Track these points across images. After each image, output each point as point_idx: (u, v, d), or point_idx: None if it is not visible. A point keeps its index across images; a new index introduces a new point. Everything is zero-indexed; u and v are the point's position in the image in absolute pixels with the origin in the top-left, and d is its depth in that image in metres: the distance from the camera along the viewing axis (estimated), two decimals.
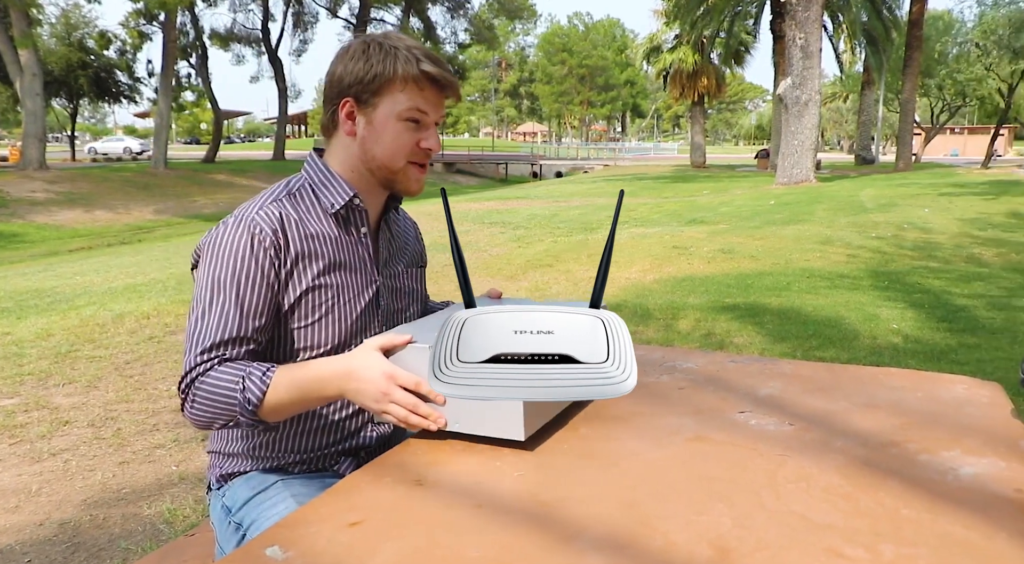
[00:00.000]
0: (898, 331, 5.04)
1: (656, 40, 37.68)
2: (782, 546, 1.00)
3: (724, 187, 20.25)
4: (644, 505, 1.11)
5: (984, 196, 13.76)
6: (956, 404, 1.58)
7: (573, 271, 7.43)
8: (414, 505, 1.12)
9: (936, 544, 1.02)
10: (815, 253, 8.09)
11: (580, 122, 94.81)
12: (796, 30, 17.10)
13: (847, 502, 1.13)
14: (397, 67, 1.44)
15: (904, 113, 28.36)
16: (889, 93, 36.28)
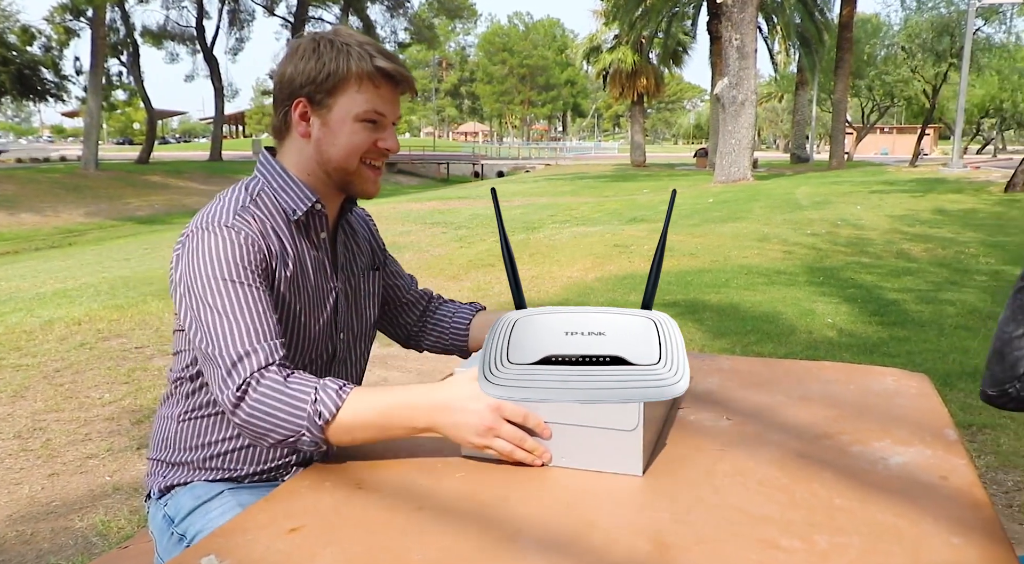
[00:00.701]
0: (833, 325, 5.17)
1: (596, 40, 37.98)
2: (720, 539, 1.02)
3: (664, 186, 20.51)
4: (583, 504, 1.12)
5: (912, 193, 14.20)
6: (886, 396, 1.63)
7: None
8: (354, 509, 1.10)
9: (867, 532, 1.04)
10: (753, 250, 8.25)
11: (521, 122, 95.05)
12: (732, 31, 17.41)
13: (783, 494, 1.15)
14: (351, 64, 1.39)
15: (836, 113, 29.10)
16: (822, 93, 37.18)
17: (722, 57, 18.69)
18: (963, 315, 5.37)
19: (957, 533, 1.04)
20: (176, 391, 1.50)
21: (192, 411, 1.49)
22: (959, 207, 11.96)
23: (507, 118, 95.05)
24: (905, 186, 15.88)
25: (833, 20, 30.50)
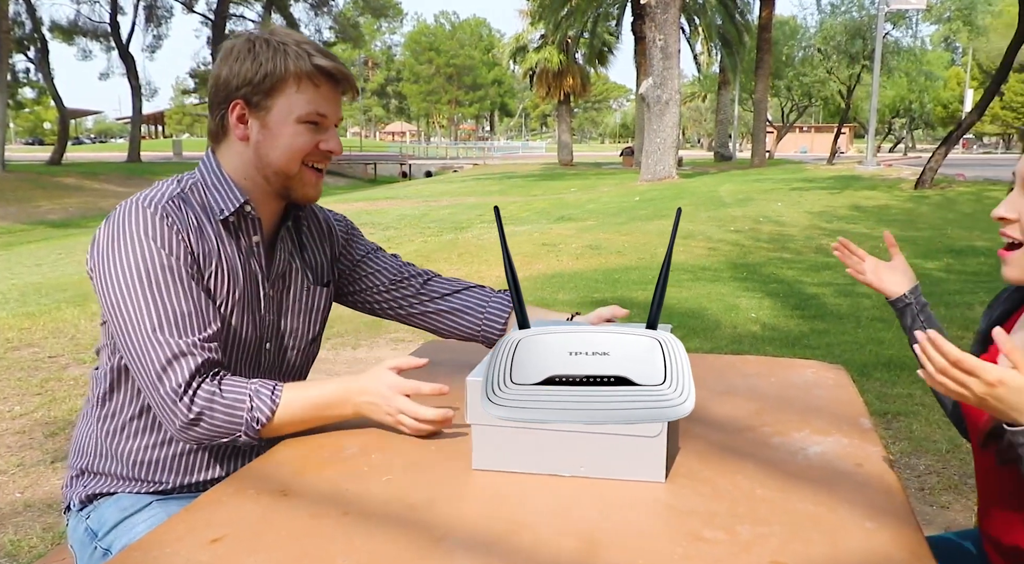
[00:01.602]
0: (756, 320, 5.30)
1: (522, 40, 38.13)
2: (646, 534, 1.03)
3: (591, 184, 20.72)
4: (512, 503, 1.12)
5: (830, 190, 14.65)
6: (806, 387, 1.68)
7: (445, 271, 7.36)
8: (279, 516, 1.08)
9: (788, 521, 1.07)
10: (678, 247, 8.37)
11: (449, 121, 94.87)
12: (656, 32, 17.68)
13: (707, 487, 1.17)
14: (288, 64, 1.34)
15: (757, 112, 29.85)
16: (744, 93, 38.08)
17: (646, 57, 18.97)
18: (878, 307, 5.56)
19: (871, 518, 1.08)
20: (100, 393, 1.44)
21: (117, 415, 1.43)
22: (873, 203, 12.39)
23: (434, 118, 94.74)
24: (823, 183, 16.38)
25: (753, 22, 31.27)
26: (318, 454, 1.29)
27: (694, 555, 0.98)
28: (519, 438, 1.22)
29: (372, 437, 1.35)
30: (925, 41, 43.41)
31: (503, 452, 1.23)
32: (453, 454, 1.29)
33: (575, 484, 1.18)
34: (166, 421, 1.29)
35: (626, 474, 1.21)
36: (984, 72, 39.87)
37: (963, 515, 2.73)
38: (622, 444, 1.19)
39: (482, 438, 1.23)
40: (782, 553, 0.98)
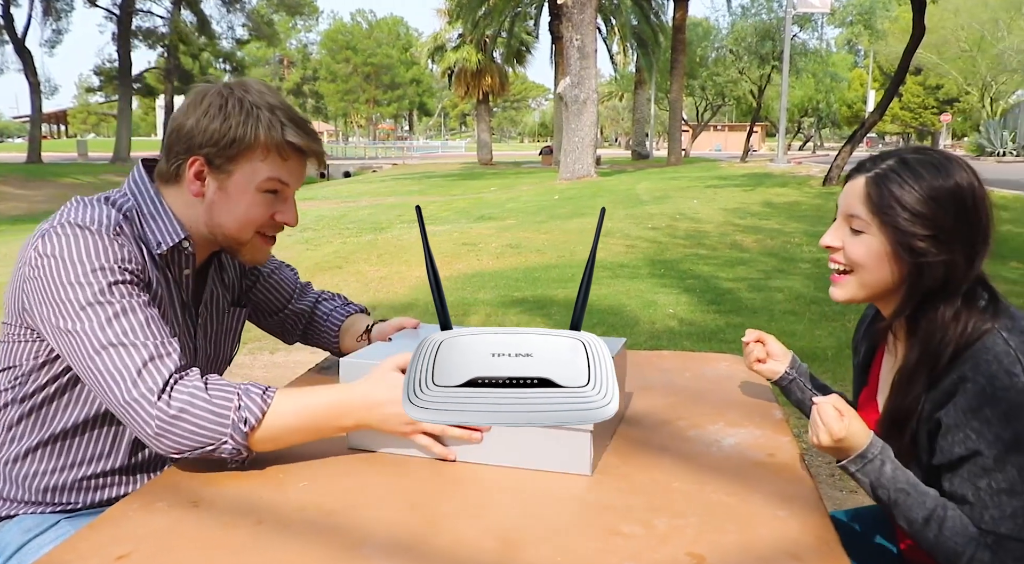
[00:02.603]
0: (674, 315, 5.40)
1: (440, 39, 38.00)
2: (565, 531, 1.04)
3: (511, 183, 20.78)
4: (431, 504, 1.11)
5: (743, 187, 15.03)
6: (720, 380, 1.72)
7: (364, 272, 7.34)
8: (189, 529, 1.05)
9: (702, 512, 1.09)
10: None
11: (367, 121, 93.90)
12: (572, 32, 17.84)
13: (624, 482, 1.19)
14: (259, 132, 1.29)
15: (673, 111, 30.45)
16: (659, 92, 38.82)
17: (564, 57, 19.12)
18: (790, 301, 5.74)
19: (782, 507, 1.11)
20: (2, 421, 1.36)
21: (18, 442, 1.35)
22: (784, 200, 12.76)
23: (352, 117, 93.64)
24: (737, 181, 16.80)
25: (667, 23, 31.85)
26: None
27: (612, 549, 0.99)
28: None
29: None
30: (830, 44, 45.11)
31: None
32: (373, 459, 1.27)
33: (494, 483, 1.18)
34: (139, 426, 1.16)
35: (554, 466, 1.23)
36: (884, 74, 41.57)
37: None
38: (550, 438, 1.22)
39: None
40: (697, 544, 1.00)
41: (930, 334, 1.16)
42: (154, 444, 1.17)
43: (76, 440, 1.35)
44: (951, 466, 1.14)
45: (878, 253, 1.19)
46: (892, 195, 1.17)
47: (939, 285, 1.16)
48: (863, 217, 1.20)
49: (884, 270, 1.20)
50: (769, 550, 1.00)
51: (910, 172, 1.17)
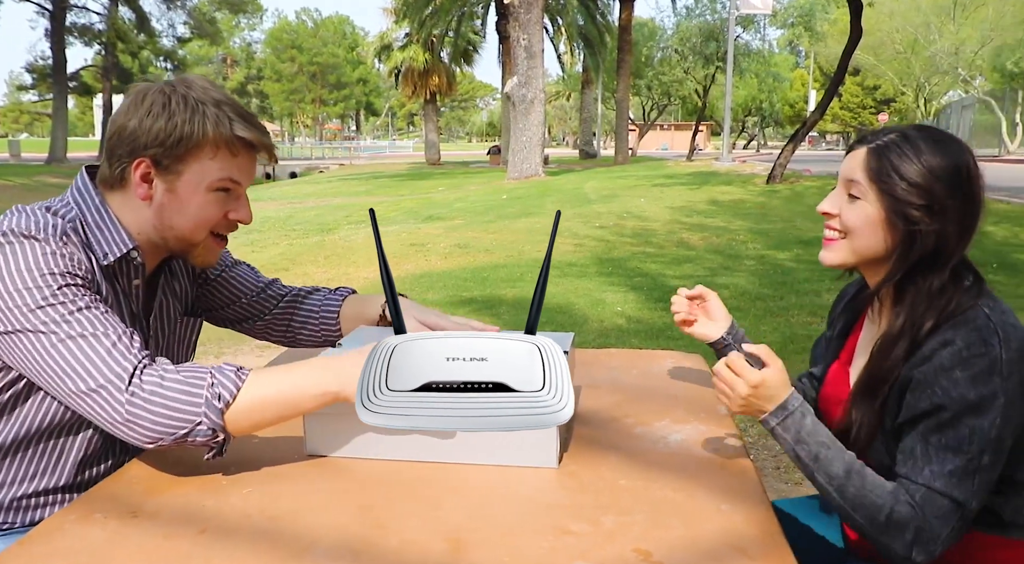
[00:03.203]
0: (622, 313, 5.45)
1: (387, 38, 37.75)
2: (512, 530, 1.04)
3: (459, 183, 20.75)
4: (379, 507, 1.10)
5: (689, 186, 15.23)
6: (666, 377, 1.74)
7: (311, 274, 7.27)
8: (128, 540, 1.02)
9: (649, 509, 1.10)
10: (543, 243, 8.52)
11: (313, 121, 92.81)
12: (519, 31, 17.88)
13: (572, 480, 1.19)
14: (207, 128, 1.25)
15: (620, 111, 30.71)
16: (606, 92, 39.12)
17: (511, 57, 19.16)
18: (736, 297, 5.83)
19: (726, 500, 1.13)
20: None
21: None
22: (730, 198, 12.97)
23: (298, 117, 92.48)
24: (683, 179, 17.02)
25: (613, 23, 32.11)
26: (173, 470, 1.23)
27: (560, 548, 0.99)
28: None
29: (233, 448, 1.30)
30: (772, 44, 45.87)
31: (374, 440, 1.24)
32: (318, 462, 1.26)
33: (445, 484, 1.17)
34: (107, 414, 1.11)
35: (520, 461, 1.23)
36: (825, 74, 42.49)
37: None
38: (515, 432, 1.21)
39: (322, 425, 1.25)
40: (643, 540, 1.01)
41: (916, 302, 1.21)
42: (124, 432, 1.12)
43: (18, 456, 1.30)
44: (912, 421, 1.17)
45: (873, 219, 1.23)
46: (891, 165, 1.21)
47: (929, 255, 1.20)
48: (862, 183, 1.24)
49: (877, 237, 1.23)
50: (714, 544, 1.02)
51: (910, 145, 1.22)
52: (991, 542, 1.23)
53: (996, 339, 1.13)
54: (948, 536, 1.12)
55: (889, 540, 1.14)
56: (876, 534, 1.15)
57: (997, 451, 1.13)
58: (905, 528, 1.13)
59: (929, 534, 1.12)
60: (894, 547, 1.13)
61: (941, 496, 1.12)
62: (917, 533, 1.12)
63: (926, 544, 1.12)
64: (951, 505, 1.12)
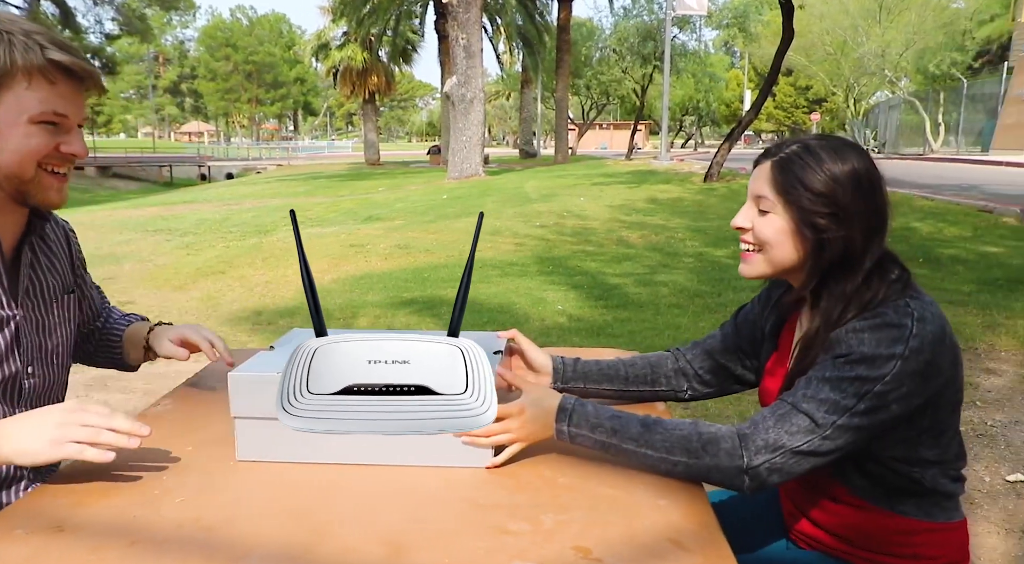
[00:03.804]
0: (563, 312, 5.47)
1: (324, 37, 37.27)
2: (451, 532, 1.03)
3: (399, 183, 20.62)
4: (317, 513, 1.09)
5: (628, 184, 15.38)
6: None
7: (248, 277, 7.14)
8: (52, 557, 0.99)
9: (588, 506, 1.11)
10: (486, 243, 8.51)
11: (250, 121, 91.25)
12: (458, 31, 17.83)
13: (511, 480, 1.19)
14: (15, 57, 1.18)
15: (559, 110, 30.85)
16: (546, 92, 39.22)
17: (450, 56, 19.09)
18: (675, 294, 5.91)
19: (664, 496, 1.14)
20: None
21: None
22: (668, 196, 13.14)
23: (234, 117, 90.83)
24: (622, 178, 17.18)
25: (552, 23, 32.24)
26: (102, 481, 1.19)
27: (499, 548, 0.99)
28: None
29: (165, 457, 1.27)
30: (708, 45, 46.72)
31: (297, 443, 1.22)
32: (255, 468, 1.24)
33: (382, 487, 1.16)
34: None
35: (453, 461, 1.22)
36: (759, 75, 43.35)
37: None
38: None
39: (254, 430, 1.23)
40: (583, 537, 1.02)
41: (831, 306, 1.24)
42: None
43: None
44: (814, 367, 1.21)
45: (784, 231, 1.26)
46: (796, 176, 1.24)
47: (839, 259, 1.24)
48: (770, 198, 1.27)
49: (789, 247, 1.27)
50: (652, 538, 1.03)
51: (811, 155, 1.25)
52: (921, 527, 1.27)
53: (910, 320, 1.16)
54: (798, 454, 1.14)
55: (711, 458, 1.15)
56: (698, 461, 1.16)
57: (876, 408, 1.14)
58: (719, 439, 1.16)
59: (761, 441, 1.14)
60: (719, 462, 1.15)
61: (802, 414, 1.15)
62: (741, 439, 1.15)
63: (756, 450, 1.14)
64: (809, 423, 1.14)
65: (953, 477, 1.28)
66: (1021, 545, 2.49)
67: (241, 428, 1.24)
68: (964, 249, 7.46)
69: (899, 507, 1.26)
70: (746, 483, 1.15)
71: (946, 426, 1.24)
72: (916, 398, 1.17)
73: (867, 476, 1.26)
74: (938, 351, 1.17)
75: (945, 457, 1.25)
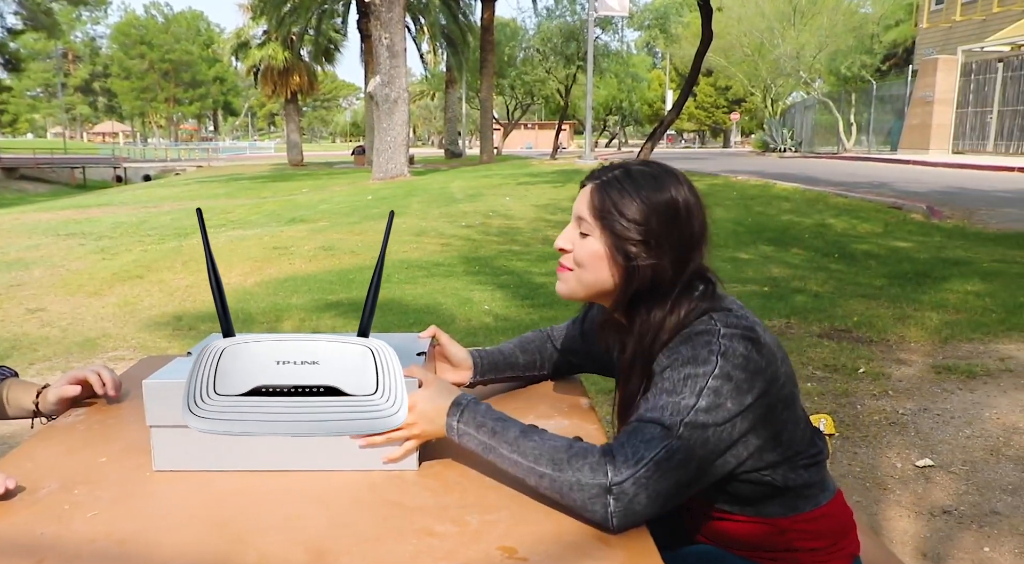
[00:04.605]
0: (489, 311, 5.47)
1: (244, 35, 36.51)
2: (377, 537, 1.02)
3: (323, 184, 20.33)
4: (237, 521, 1.06)
5: (553, 184, 15.49)
6: None
7: (167, 281, 6.93)
8: None
9: (514, 505, 1.11)
10: (412, 244, 8.46)
11: (168, 121, 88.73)
12: (381, 30, 17.67)
13: (436, 481, 1.19)
14: None
15: (484, 110, 30.89)
16: (470, 92, 39.25)
17: (373, 56, 18.90)
18: None
19: None
20: None
21: None
22: None
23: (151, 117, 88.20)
24: (547, 177, 17.28)
25: (476, 23, 32.26)
26: (4, 501, 1.13)
27: (424, 551, 0.98)
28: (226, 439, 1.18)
29: (77, 470, 1.22)
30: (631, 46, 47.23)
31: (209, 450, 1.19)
32: (173, 477, 1.20)
33: (305, 494, 1.14)
34: None
35: (381, 465, 1.20)
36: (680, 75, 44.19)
37: None
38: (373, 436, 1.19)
39: (170, 438, 1.19)
40: (509, 537, 1.02)
41: (643, 332, 1.25)
42: None
43: None
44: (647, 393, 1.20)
45: (599, 255, 1.26)
46: (612, 202, 1.25)
47: (647, 287, 1.24)
48: (588, 220, 1.27)
49: (603, 271, 1.27)
50: (577, 535, 1.04)
51: (631, 182, 1.25)
52: (789, 523, 1.29)
53: (716, 333, 1.17)
54: (659, 465, 1.08)
55: (574, 472, 1.07)
56: (561, 473, 1.08)
57: (716, 406, 1.13)
58: (588, 453, 1.09)
59: (623, 456, 1.08)
60: (582, 477, 1.07)
61: (650, 423, 1.11)
62: (604, 454, 1.09)
63: (619, 466, 1.07)
64: (660, 430, 1.10)
65: (806, 465, 1.28)
66: (930, 527, 2.60)
67: (158, 437, 1.20)
68: (876, 244, 7.75)
69: (764, 511, 1.28)
70: (610, 507, 1.05)
71: (783, 425, 1.24)
72: (747, 395, 1.15)
73: (724, 492, 1.27)
74: (753, 349, 1.17)
75: (789, 453, 1.25)
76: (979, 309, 5.16)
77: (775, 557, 1.30)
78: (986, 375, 4.00)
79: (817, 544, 1.30)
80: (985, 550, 2.46)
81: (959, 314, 5.08)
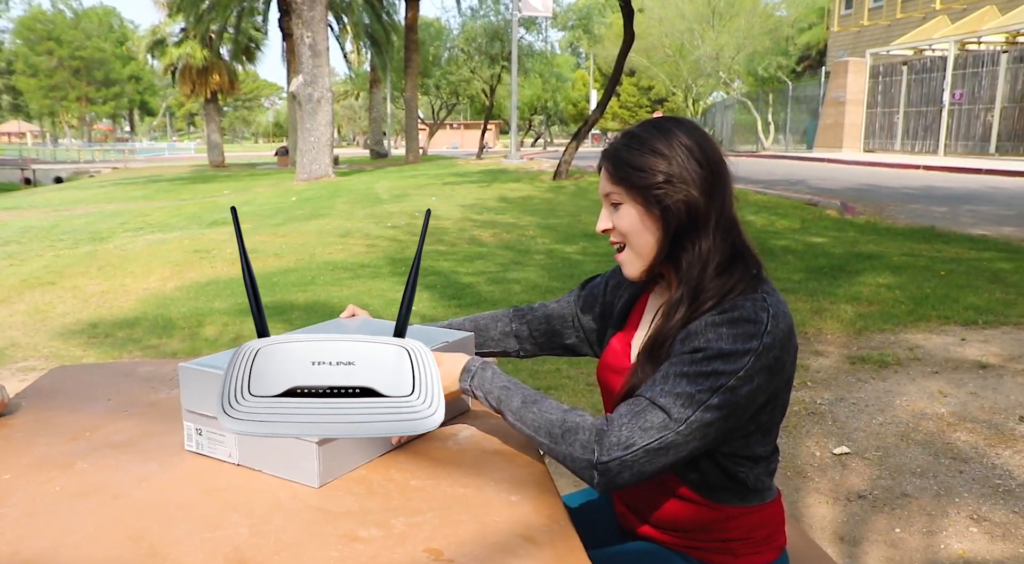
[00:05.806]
0: (416, 312, 5.44)
1: (160, 33, 35.45)
2: (300, 543, 1.01)
3: (246, 186, 19.92)
4: (153, 534, 1.03)
5: (479, 184, 15.49)
6: None
7: (81, 287, 6.69)
8: None
9: (440, 507, 1.11)
10: (337, 246, 8.36)
11: (80, 121, 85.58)
12: (303, 29, 17.39)
13: (360, 485, 1.17)
14: None
15: (409, 110, 30.68)
16: (395, 91, 38.94)
17: (296, 55, 18.60)
18: (527, 291, 6.00)
19: (515, 492, 1.15)
20: None
21: None
22: (518, 195, 13.32)
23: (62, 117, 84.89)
24: (473, 177, 17.28)
25: (400, 22, 32.03)
26: None
27: (349, 556, 0.97)
28: None
29: None
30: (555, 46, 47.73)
31: None
32: (83, 490, 1.16)
33: (224, 503, 1.12)
34: None
35: (288, 474, 1.19)
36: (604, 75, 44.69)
37: None
38: (285, 443, 1.18)
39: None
40: (434, 539, 1.02)
41: (691, 267, 1.27)
42: None
43: None
44: (671, 359, 1.21)
45: (637, 216, 1.29)
46: (625, 161, 1.28)
47: (686, 221, 1.26)
48: (613, 190, 1.30)
49: (647, 230, 1.29)
50: (504, 535, 1.04)
51: (634, 138, 1.30)
52: (737, 512, 1.33)
53: (766, 315, 1.19)
54: (649, 451, 1.14)
55: (567, 446, 1.18)
56: (556, 446, 1.19)
57: (728, 403, 1.16)
58: (579, 430, 1.18)
59: (615, 437, 1.14)
60: (574, 452, 1.17)
61: (658, 408, 1.15)
62: (598, 434, 1.16)
63: (608, 447, 1.13)
64: (663, 419, 1.14)
65: (772, 471, 1.34)
66: (847, 511, 2.69)
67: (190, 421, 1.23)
68: (794, 240, 7.98)
69: (720, 497, 1.31)
70: (595, 479, 1.16)
71: (775, 423, 1.29)
72: (761, 394, 1.20)
73: (699, 471, 1.29)
74: (785, 348, 1.21)
75: (765, 453, 1.30)
76: (890, 301, 5.36)
77: (712, 546, 1.33)
78: (896, 364, 4.17)
79: (753, 535, 1.33)
80: (896, 531, 2.56)
81: (872, 306, 5.26)
